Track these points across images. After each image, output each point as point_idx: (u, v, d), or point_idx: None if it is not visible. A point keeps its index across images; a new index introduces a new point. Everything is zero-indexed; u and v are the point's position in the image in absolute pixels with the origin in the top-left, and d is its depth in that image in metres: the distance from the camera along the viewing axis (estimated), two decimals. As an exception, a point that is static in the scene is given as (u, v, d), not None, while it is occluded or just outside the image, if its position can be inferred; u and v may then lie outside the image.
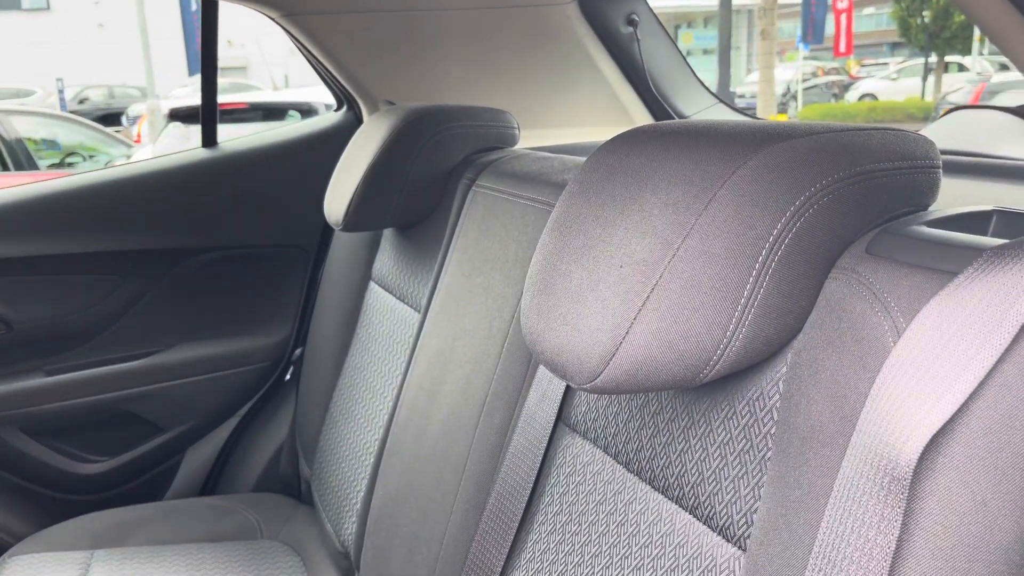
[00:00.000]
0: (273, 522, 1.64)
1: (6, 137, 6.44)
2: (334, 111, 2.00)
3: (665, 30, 1.83)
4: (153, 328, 1.81)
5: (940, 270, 0.57)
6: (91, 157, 7.29)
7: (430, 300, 1.34)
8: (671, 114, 1.84)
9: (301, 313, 1.94)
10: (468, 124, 1.42)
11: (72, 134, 7.43)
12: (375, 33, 1.74)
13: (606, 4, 1.73)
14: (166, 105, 7.23)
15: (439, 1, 1.70)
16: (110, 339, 1.78)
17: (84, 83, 19.39)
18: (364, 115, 1.90)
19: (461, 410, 1.15)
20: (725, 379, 0.70)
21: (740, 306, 0.61)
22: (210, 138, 1.89)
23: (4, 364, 1.72)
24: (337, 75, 1.82)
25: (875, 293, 0.58)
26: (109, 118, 14.82)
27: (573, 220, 0.71)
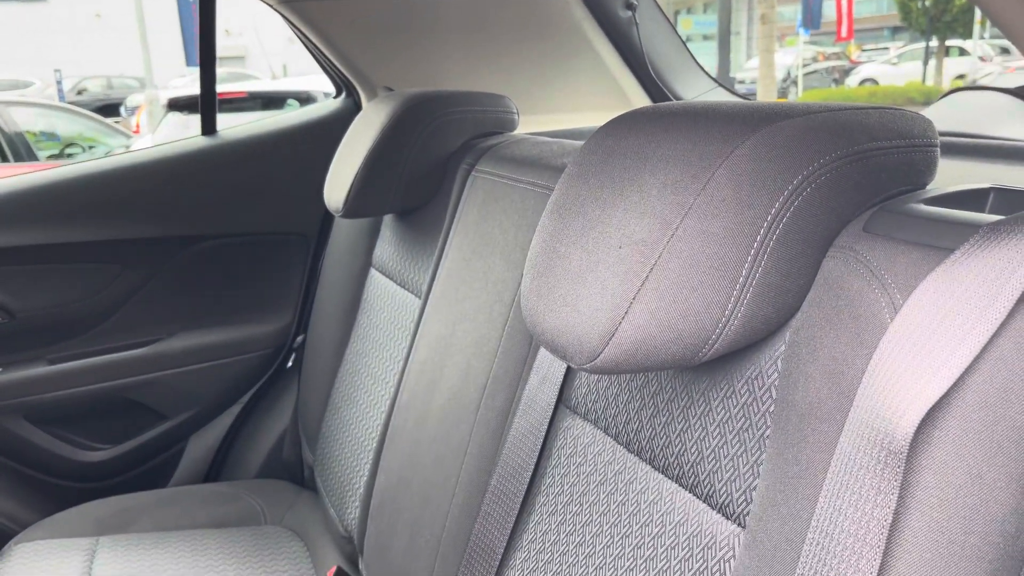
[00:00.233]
0: (277, 508, 1.65)
1: (5, 129, 6.42)
2: (333, 98, 2.00)
3: (663, 13, 1.82)
4: (155, 316, 1.82)
5: (937, 247, 0.57)
6: (90, 148, 7.28)
7: (431, 285, 1.34)
8: (670, 98, 1.83)
9: (302, 300, 1.95)
10: (467, 109, 1.42)
11: (71, 125, 7.42)
12: (373, 19, 1.73)
13: (604, -12, 1.73)
14: (164, 95, 7.20)
15: (437, -13, 1.69)
16: (112, 327, 1.79)
17: (82, 74, 19.34)
18: (363, 101, 1.90)
19: (462, 394, 1.16)
20: (724, 358, 0.70)
21: (738, 285, 0.62)
22: (209, 126, 1.89)
23: (7, 353, 1.73)
24: (336, 62, 1.82)
25: (872, 271, 0.59)
26: (108, 108, 14.78)
27: (572, 202, 0.71)
